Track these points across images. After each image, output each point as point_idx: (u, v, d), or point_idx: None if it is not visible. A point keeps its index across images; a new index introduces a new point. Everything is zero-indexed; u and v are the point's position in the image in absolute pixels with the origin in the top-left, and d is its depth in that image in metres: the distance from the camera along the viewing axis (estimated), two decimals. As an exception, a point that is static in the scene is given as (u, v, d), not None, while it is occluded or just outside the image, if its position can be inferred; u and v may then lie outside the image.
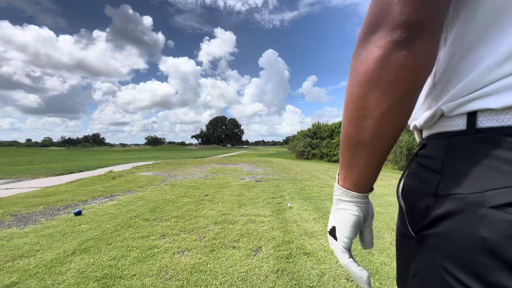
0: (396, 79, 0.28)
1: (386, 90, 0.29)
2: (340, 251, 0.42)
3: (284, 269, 1.75)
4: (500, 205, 0.24)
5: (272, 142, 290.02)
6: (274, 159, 14.49)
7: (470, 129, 0.28)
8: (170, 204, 3.44)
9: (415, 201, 0.34)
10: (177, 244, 2.12)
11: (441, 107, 0.32)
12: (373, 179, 0.38)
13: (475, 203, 0.25)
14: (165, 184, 5.13)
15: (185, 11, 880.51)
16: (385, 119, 0.31)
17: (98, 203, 3.55)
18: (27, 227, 2.52)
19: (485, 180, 0.25)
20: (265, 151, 41.86)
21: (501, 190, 0.24)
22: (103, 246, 2.07)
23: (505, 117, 0.26)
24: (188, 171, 7.45)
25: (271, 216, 2.95)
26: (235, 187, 4.83)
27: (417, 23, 0.27)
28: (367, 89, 0.30)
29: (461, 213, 0.26)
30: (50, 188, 4.67)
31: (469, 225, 0.25)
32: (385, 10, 0.28)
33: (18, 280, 1.57)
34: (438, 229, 0.29)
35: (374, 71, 0.29)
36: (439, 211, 0.29)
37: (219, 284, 1.57)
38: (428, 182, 0.32)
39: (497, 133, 0.26)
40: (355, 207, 0.40)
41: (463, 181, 0.27)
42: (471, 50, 0.29)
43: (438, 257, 0.29)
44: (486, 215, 0.24)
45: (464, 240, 0.26)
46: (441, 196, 0.29)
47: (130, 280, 1.58)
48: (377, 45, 0.28)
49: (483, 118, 0.27)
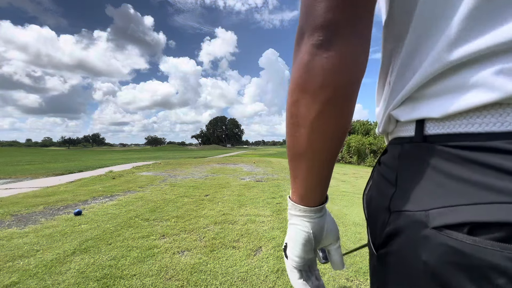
0: (320, 84, 0.27)
1: (313, 96, 0.28)
2: (289, 270, 0.40)
3: (284, 269, 1.75)
4: (441, 226, 0.22)
5: (272, 142, 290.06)
6: (274, 159, 14.49)
7: (418, 136, 0.27)
8: (170, 204, 3.44)
9: (375, 215, 0.32)
10: (177, 244, 2.12)
11: (391, 112, 0.31)
12: (319, 191, 0.35)
13: (420, 222, 0.23)
14: (165, 184, 5.13)
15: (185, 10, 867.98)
16: (316, 126, 0.29)
17: (98, 203, 3.55)
18: (27, 227, 2.52)
19: (430, 196, 0.24)
20: (265, 151, 41.87)
21: (442, 210, 0.22)
22: (103, 246, 2.07)
23: (450, 124, 0.24)
24: (188, 171, 7.45)
25: (271, 216, 2.95)
26: (235, 187, 4.83)
27: (334, 24, 0.25)
28: (297, 95, 0.29)
29: (408, 231, 0.25)
30: (50, 188, 4.67)
31: (413, 245, 0.24)
32: (306, 14, 0.27)
33: (18, 280, 1.57)
34: (391, 247, 0.27)
35: (300, 77, 0.28)
36: (390, 228, 0.27)
37: (219, 284, 1.57)
38: (384, 195, 0.30)
39: (442, 142, 0.24)
40: (305, 223, 0.37)
41: (412, 196, 0.25)
42: (416, 51, 0.27)
43: (393, 277, 0.27)
44: (428, 236, 0.22)
45: (409, 261, 0.24)
46: (394, 212, 0.27)
47: (130, 280, 1.58)
48: (302, 50, 0.28)
49: (430, 124, 0.26)
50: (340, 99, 0.28)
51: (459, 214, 0.21)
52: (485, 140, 0.21)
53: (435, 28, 0.24)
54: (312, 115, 0.29)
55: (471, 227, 0.20)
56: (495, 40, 0.20)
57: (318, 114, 0.28)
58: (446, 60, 0.23)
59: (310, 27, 0.26)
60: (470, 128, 0.22)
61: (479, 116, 0.22)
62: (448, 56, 0.23)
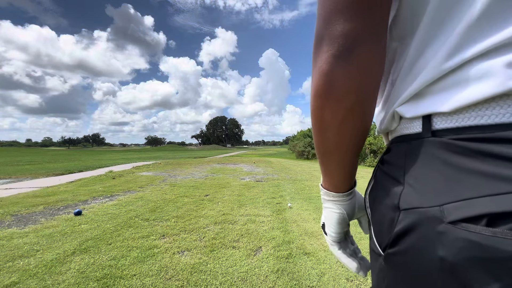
0: (343, 92, 0.28)
1: (337, 103, 0.29)
2: (330, 244, 0.47)
3: (284, 269, 1.75)
4: (457, 220, 0.21)
5: (272, 142, 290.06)
6: (274, 159, 14.49)
7: (426, 131, 0.27)
8: (170, 204, 3.44)
9: (380, 214, 0.32)
10: (177, 244, 2.12)
11: (396, 109, 0.31)
12: (348, 180, 0.40)
13: (434, 218, 0.23)
14: (165, 184, 5.13)
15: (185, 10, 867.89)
16: (342, 130, 0.31)
17: (98, 203, 3.55)
18: (27, 227, 2.52)
19: (443, 191, 0.23)
20: (265, 151, 41.86)
21: (458, 204, 0.22)
22: (103, 246, 2.07)
23: (458, 117, 0.24)
24: (188, 171, 7.45)
25: (271, 216, 2.95)
26: (235, 187, 4.83)
27: (353, 35, 0.26)
28: (321, 102, 0.30)
29: (421, 229, 0.24)
30: (50, 188, 4.67)
31: (428, 242, 0.23)
32: (325, 23, 0.27)
33: (18, 280, 1.57)
34: (401, 246, 0.26)
35: (323, 85, 0.29)
36: (401, 227, 0.26)
37: (219, 284, 1.57)
38: (391, 194, 0.29)
39: (452, 136, 0.24)
40: (337, 205, 0.42)
41: (423, 193, 0.25)
42: (422, 51, 0.28)
43: (403, 279, 0.27)
44: (444, 232, 0.22)
45: (424, 259, 0.24)
46: (403, 210, 0.27)
47: (130, 280, 1.58)
48: (322, 59, 0.28)
49: (438, 119, 0.26)
50: (362, 104, 0.30)
51: (476, 206, 0.21)
52: (495, 131, 0.22)
53: (445, 27, 0.25)
54: (337, 120, 0.31)
55: (489, 218, 0.20)
56: (506, 34, 0.20)
57: (343, 119, 0.30)
58: (458, 58, 0.23)
59: (330, 35, 0.27)
60: (479, 121, 0.23)
61: (488, 108, 0.22)
62: (460, 54, 0.23)
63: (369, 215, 0.36)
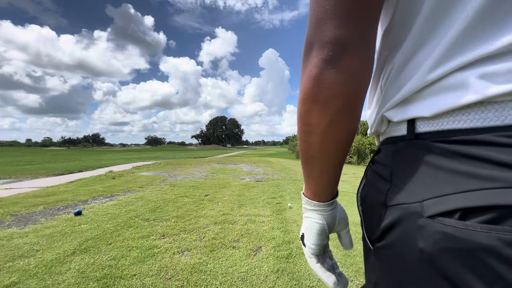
0: (330, 96, 0.29)
1: (324, 107, 0.30)
2: (308, 257, 0.45)
3: (284, 269, 1.75)
4: (435, 214, 0.23)
5: (272, 142, 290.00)
6: (274, 159, 14.49)
7: (410, 134, 0.29)
8: (170, 204, 3.44)
9: (370, 211, 0.34)
10: (177, 244, 2.12)
11: (384, 113, 0.33)
12: (330, 189, 0.39)
13: (415, 213, 0.25)
14: (165, 184, 5.13)
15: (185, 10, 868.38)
16: (328, 134, 0.32)
17: (98, 203, 3.55)
18: (27, 227, 2.52)
19: (424, 188, 0.26)
20: (265, 151, 41.87)
21: (435, 199, 0.24)
22: (103, 246, 2.07)
23: (439, 121, 0.26)
24: (188, 171, 7.45)
25: (271, 216, 2.95)
26: (235, 187, 4.83)
27: (343, 41, 0.27)
28: (309, 106, 0.31)
29: (404, 223, 0.26)
30: (50, 188, 4.67)
31: (409, 235, 0.25)
32: (316, 29, 0.28)
33: (18, 280, 1.57)
34: (387, 240, 0.28)
35: (311, 89, 0.30)
36: (387, 222, 0.28)
37: (219, 284, 1.57)
38: (380, 191, 0.31)
39: (433, 138, 0.27)
40: (318, 215, 0.41)
41: (407, 190, 0.27)
42: (409, 61, 0.30)
43: (390, 270, 0.29)
44: (423, 225, 0.24)
45: (406, 251, 0.26)
46: (390, 206, 0.29)
47: (130, 280, 1.58)
48: (312, 63, 0.29)
49: (420, 123, 0.28)
50: (349, 109, 0.31)
51: (451, 202, 0.23)
52: (470, 135, 0.24)
53: (430, 42, 0.27)
54: (323, 124, 0.31)
55: (462, 213, 0.22)
56: (481, 51, 0.23)
57: (329, 123, 0.31)
58: (440, 71, 0.26)
59: (320, 41, 0.28)
60: (457, 125, 0.25)
61: (464, 114, 0.25)
62: (443, 65, 0.25)
63: (360, 212, 0.37)
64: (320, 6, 0.27)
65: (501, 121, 0.23)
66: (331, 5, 0.27)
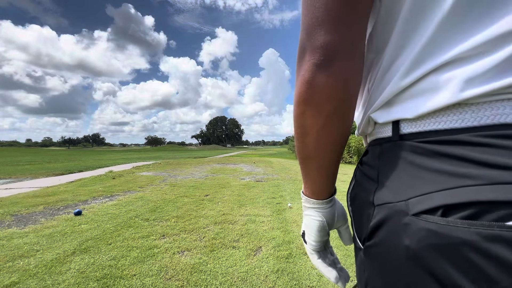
0: (323, 99, 0.30)
1: (317, 109, 0.31)
2: (309, 253, 0.47)
3: (284, 269, 1.75)
4: (419, 212, 0.24)
5: (272, 142, 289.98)
6: (274, 159, 14.49)
7: (394, 135, 0.31)
8: (170, 204, 3.44)
9: (359, 211, 0.35)
10: (177, 244, 2.12)
11: (370, 115, 0.34)
12: (327, 187, 0.41)
13: (401, 211, 0.26)
14: (165, 184, 5.13)
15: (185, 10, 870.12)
16: (322, 136, 0.33)
17: (98, 203, 3.55)
18: (27, 227, 2.52)
19: (408, 187, 0.27)
20: (265, 151, 41.87)
21: (419, 198, 0.25)
22: (103, 246, 2.07)
23: (421, 123, 0.28)
24: (188, 171, 7.45)
25: (271, 216, 2.95)
26: (235, 187, 4.83)
27: (333, 46, 0.28)
28: (303, 108, 0.32)
29: (391, 221, 0.27)
30: (50, 188, 4.67)
31: (396, 233, 0.26)
32: (308, 35, 0.29)
33: (18, 280, 1.57)
34: (376, 239, 0.29)
35: (305, 92, 0.31)
36: (375, 221, 0.29)
37: (219, 284, 1.57)
38: (368, 191, 0.33)
39: (415, 139, 0.28)
40: (317, 213, 0.43)
41: (393, 189, 0.28)
42: (390, 65, 0.31)
43: (379, 268, 0.29)
44: (409, 223, 0.25)
45: (393, 248, 0.26)
46: (377, 205, 0.30)
47: (130, 280, 1.58)
48: (305, 68, 0.30)
49: (404, 125, 0.30)
50: (341, 111, 0.32)
51: (433, 199, 0.24)
52: (449, 135, 0.25)
53: (408, 44, 0.29)
54: (317, 126, 0.32)
55: (443, 210, 0.23)
56: (455, 52, 0.24)
57: (322, 125, 0.32)
58: (415, 74, 0.27)
59: (312, 46, 0.29)
60: (437, 126, 0.26)
61: (444, 115, 0.26)
62: (417, 69, 0.27)
63: (350, 212, 0.39)
64: (311, 14, 0.29)
65: (477, 121, 0.24)
66: (322, 13, 0.28)
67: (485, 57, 0.23)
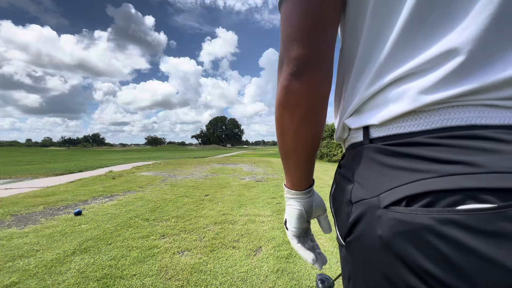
0: (297, 103, 0.36)
1: (292, 112, 0.36)
2: (290, 238, 0.53)
3: (284, 269, 1.75)
4: (388, 204, 0.28)
5: (272, 142, 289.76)
6: (274, 159, 14.48)
7: (365, 139, 0.35)
8: (170, 204, 3.44)
9: (340, 210, 0.39)
10: (177, 244, 2.12)
11: (344, 121, 0.39)
12: (305, 179, 0.46)
13: (374, 206, 0.30)
14: (165, 184, 5.13)
15: (185, 10, 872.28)
16: (297, 135, 0.38)
17: (98, 203, 3.55)
18: (27, 227, 2.52)
19: (379, 184, 0.31)
20: (265, 151, 41.86)
21: (388, 192, 0.29)
22: (103, 246, 2.07)
23: (386, 128, 0.32)
24: (188, 171, 7.45)
25: (271, 216, 2.95)
26: (235, 187, 4.83)
27: (304, 59, 0.33)
28: (282, 111, 0.38)
29: (367, 216, 0.31)
30: (50, 188, 4.67)
31: (371, 226, 0.30)
32: (285, 49, 0.35)
33: (18, 280, 1.57)
34: (355, 234, 0.33)
35: (283, 97, 0.36)
36: (353, 217, 0.33)
37: (219, 284, 1.57)
38: (346, 191, 0.36)
39: (383, 142, 0.32)
40: (297, 203, 0.49)
41: (367, 187, 0.32)
42: (358, 77, 0.36)
43: (358, 261, 0.33)
44: (380, 215, 0.29)
45: (369, 240, 0.30)
46: (354, 203, 0.33)
47: (130, 280, 1.58)
48: (283, 76, 0.35)
49: (372, 130, 0.34)
50: (312, 114, 0.37)
51: (399, 192, 0.28)
52: (408, 138, 0.30)
53: (371, 58, 0.34)
54: (293, 126, 0.38)
55: (407, 200, 0.27)
56: (409, 67, 0.29)
57: (297, 125, 0.37)
58: (377, 86, 0.32)
59: (288, 59, 0.34)
60: (398, 130, 0.31)
61: (403, 121, 0.31)
62: (377, 82, 0.32)
63: (333, 213, 0.43)
64: (287, 32, 0.34)
65: (429, 125, 0.29)
66: (295, 32, 0.34)
67: (433, 72, 0.28)
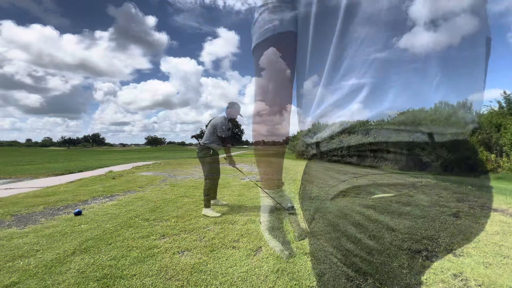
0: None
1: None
2: (263, 230, 0.73)
3: (284, 269, 1.75)
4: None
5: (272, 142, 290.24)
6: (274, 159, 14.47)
7: (317, 152, 0.56)
8: (170, 204, 3.44)
9: (304, 204, 0.66)
10: (177, 244, 2.12)
11: (303, 138, 0.59)
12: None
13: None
14: (165, 184, 5.13)
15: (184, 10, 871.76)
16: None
17: (98, 203, 3.55)
18: (27, 227, 2.52)
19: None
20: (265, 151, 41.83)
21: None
22: (103, 246, 2.07)
23: (322, 145, 0.55)
24: (188, 171, 7.45)
25: (271, 216, 2.95)
26: (235, 187, 4.83)
27: (265, 109, 0.57)
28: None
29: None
30: (50, 188, 4.67)
31: None
32: (255, 102, 0.62)
33: (18, 280, 1.57)
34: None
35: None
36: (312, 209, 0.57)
37: (219, 284, 1.57)
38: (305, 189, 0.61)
39: (326, 153, 0.55)
40: (268, 200, 0.69)
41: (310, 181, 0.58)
42: (306, 109, 0.59)
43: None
44: None
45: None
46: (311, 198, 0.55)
47: (130, 280, 1.58)
48: (254, 120, 0.64)
49: (321, 145, 0.53)
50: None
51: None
52: (323, 149, 0.55)
53: (310, 101, 0.57)
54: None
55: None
56: (323, 111, 0.53)
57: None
58: (313, 119, 0.55)
59: (256, 109, 0.61)
60: (325, 147, 0.52)
61: (327, 142, 0.53)
62: (314, 117, 0.55)
63: (302, 206, 0.61)
64: (256, 94, 0.61)
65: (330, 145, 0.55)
66: (259, 96, 0.61)
67: (328, 117, 0.52)
